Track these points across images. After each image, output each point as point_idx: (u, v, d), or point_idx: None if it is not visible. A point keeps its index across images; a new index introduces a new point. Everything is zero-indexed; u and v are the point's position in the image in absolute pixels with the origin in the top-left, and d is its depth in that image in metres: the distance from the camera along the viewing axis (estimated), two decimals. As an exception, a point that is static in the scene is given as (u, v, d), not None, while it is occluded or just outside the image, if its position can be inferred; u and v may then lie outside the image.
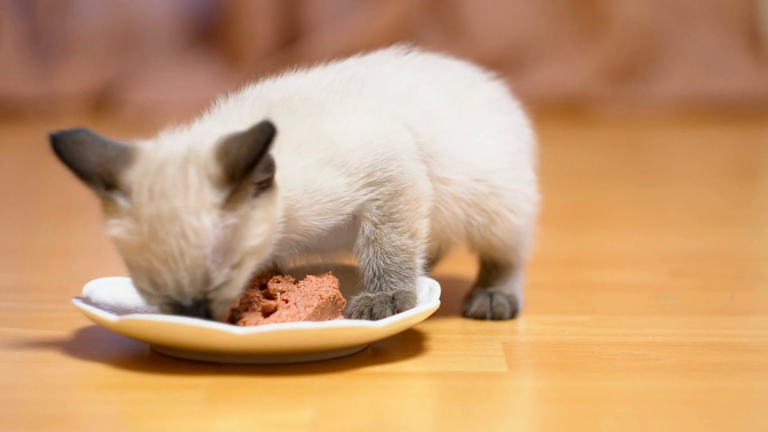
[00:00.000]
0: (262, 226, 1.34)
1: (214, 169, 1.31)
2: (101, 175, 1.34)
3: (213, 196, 1.31)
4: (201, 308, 1.33)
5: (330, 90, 1.50)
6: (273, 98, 1.47)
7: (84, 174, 1.34)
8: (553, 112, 4.18)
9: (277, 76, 1.53)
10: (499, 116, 1.63)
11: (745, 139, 4.03)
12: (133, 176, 1.33)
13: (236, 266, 1.34)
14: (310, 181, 1.42)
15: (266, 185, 1.35)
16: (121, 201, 1.33)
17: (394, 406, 1.30)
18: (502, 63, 4.22)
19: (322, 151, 1.43)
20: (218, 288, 1.33)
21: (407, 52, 1.62)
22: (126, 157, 1.34)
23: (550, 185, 1.71)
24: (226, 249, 1.32)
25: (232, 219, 1.32)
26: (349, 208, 1.45)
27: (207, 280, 1.32)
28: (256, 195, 1.34)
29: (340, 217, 1.45)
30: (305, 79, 1.53)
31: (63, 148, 1.36)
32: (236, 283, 1.35)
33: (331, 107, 1.47)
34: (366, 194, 1.45)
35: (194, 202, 1.31)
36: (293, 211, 1.41)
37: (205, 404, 1.27)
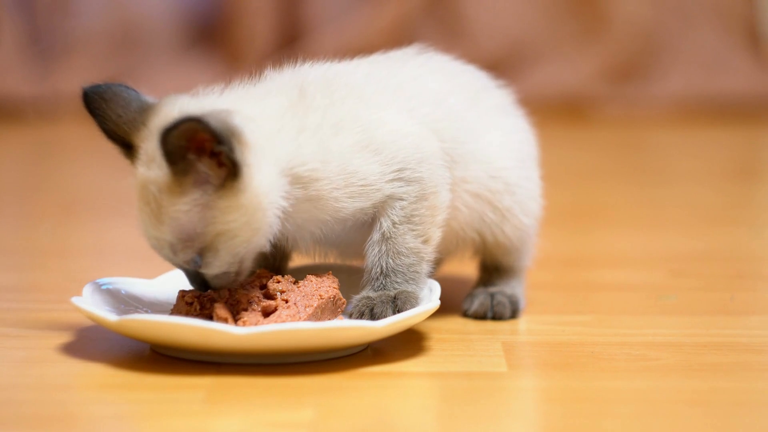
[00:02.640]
0: (231, 215, 1.34)
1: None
2: (120, 135, 1.39)
3: (165, 177, 1.33)
4: (197, 278, 1.39)
5: (368, 79, 1.51)
6: (312, 77, 1.48)
7: (106, 134, 1.41)
8: (553, 112, 4.18)
9: (310, 62, 1.53)
10: (510, 119, 1.65)
11: (745, 139, 4.03)
12: (141, 138, 1.37)
13: (206, 249, 1.35)
14: (347, 163, 1.43)
15: (233, 175, 1.33)
16: (134, 161, 1.38)
17: (394, 406, 1.30)
18: (502, 63, 4.23)
19: (360, 134, 1.44)
20: (201, 265, 1.36)
21: (424, 53, 1.62)
22: (142, 117, 1.39)
23: (550, 185, 1.72)
24: (188, 230, 1.34)
25: (182, 204, 1.33)
26: (377, 196, 1.45)
27: (173, 251, 1.36)
28: (222, 183, 1.34)
29: (368, 203, 1.45)
30: (341, 67, 1.54)
31: (92, 104, 1.41)
32: (216, 264, 1.37)
33: (369, 96, 1.49)
34: (394, 188, 1.46)
35: (159, 177, 1.34)
36: (326, 190, 1.42)
37: (205, 404, 1.27)
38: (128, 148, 1.39)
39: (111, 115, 1.39)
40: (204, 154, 1.33)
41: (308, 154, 1.41)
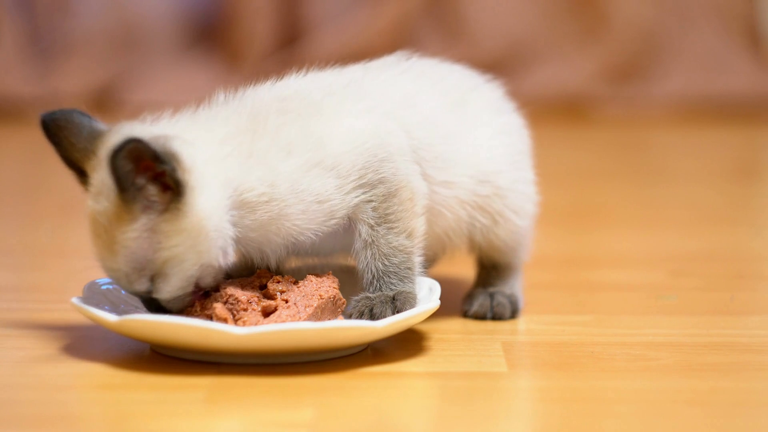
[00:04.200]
0: (176, 238, 1.35)
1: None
2: (74, 164, 1.41)
3: (113, 206, 1.34)
4: (153, 303, 1.40)
5: (328, 92, 1.50)
6: (266, 98, 1.48)
7: (64, 160, 1.42)
8: (553, 112, 4.18)
9: (277, 77, 1.53)
10: (500, 118, 1.63)
11: (745, 139, 4.03)
12: (90, 168, 1.39)
13: (156, 275, 1.36)
14: (296, 182, 1.42)
15: (177, 191, 1.34)
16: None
17: (394, 406, 1.30)
18: (502, 63, 4.23)
19: (311, 152, 1.43)
20: (153, 291, 1.37)
21: (409, 58, 1.62)
22: (92, 146, 1.39)
23: (550, 185, 1.72)
24: (140, 258, 1.35)
25: (131, 232, 1.34)
26: (342, 212, 1.45)
27: (128, 281, 1.37)
28: (166, 207, 1.34)
29: (333, 221, 1.45)
30: (303, 81, 1.53)
31: (50, 130, 1.42)
32: (167, 290, 1.37)
33: (326, 108, 1.47)
34: (358, 196, 1.45)
35: (107, 208, 1.35)
36: (278, 211, 1.41)
37: (205, 404, 1.27)
38: (84, 176, 1.40)
39: (65, 143, 1.40)
40: (149, 177, 1.33)
41: (255, 179, 1.40)
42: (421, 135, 1.52)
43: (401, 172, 1.47)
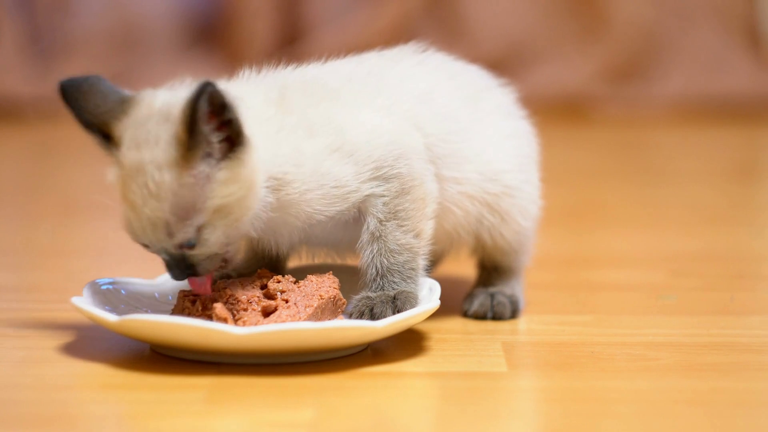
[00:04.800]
0: (229, 187, 1.35)
1: (175, 126, 1.34)
2: (98, 126, 1.39)
3: (173, 152, 1.33)
4: (182, 263, 1.38)
5: (348, 80, 1.51)
6: (290, 79, 1.49)
7: (83, 123, 1.41)
8: (553, 112, 4.18)
9: (296, 64, 1.54)
10: (510, 121, 1.65)
11: (745, 139, 4.03)
12: (123, 127, 1.37)
13: (204, 226, 1.35)
14: (319, 164, 1.43)
15: (234, 147, 1.35)
16: (114, 150, 1.37)
17: (394, 406, 1.30)
18: (502, 63, 4.23)
19: (332, 136, 1.44)
20: (192, 246, 1.36)
21: (424, 50, 1.62)
22: (122, 108, 1.39)
23: (550, 185, 1.72)
24: (189, 206, 1.34)
25: (188, 177, 1.33)
26: (354, 197, 1.45)
27: (169, 232, 1.35)
28: (223, 156, 1.35)
29: (345, 206, 1.45)
30: (323, 68, 1.55)
31: (69, 96, 1.43)
32: (211, 242, 1.36)
33: (346, 97, 1.49)
34: (372, 188, 1.46)
35: (158, 156, 1.34)
36: (299, 192, 1.42)
37: (205, 404, 1.27)
38: (106, 139, 1.39)
39: (88, 106, 1.40)
40: (214, 125, 1.34)
41: (282, 155, 1.41)
42: (435, 131, 1.53)
43: (416, 170, 1.48)
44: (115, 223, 1.41)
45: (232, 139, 1.35)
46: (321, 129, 1.44)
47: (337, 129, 1.45)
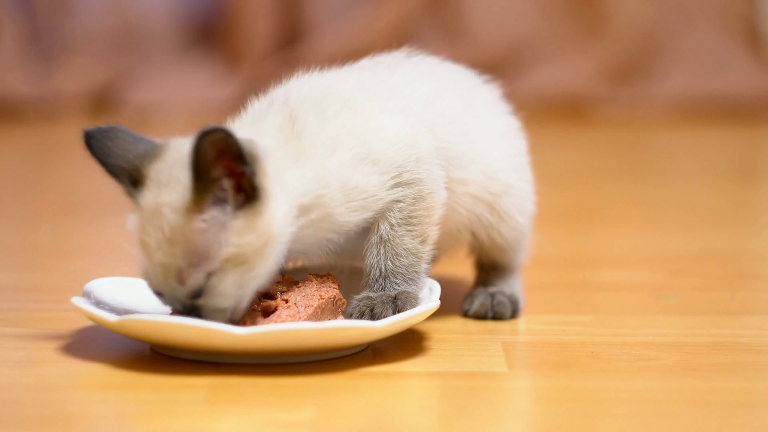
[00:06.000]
0: (245, 237, 1.33)
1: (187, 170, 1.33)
2: (128, 170, 1.37)
3: (187, 196, 1.32)
4: (193, 314, 1.35)
5: (360, 88, 1.50)
6: (301, 95, 1.47)
7: (111, 169, 1.38)
8: (553, 112, 4.18)
9: (300, 74, 1.53)
10: (501, 118, 1.65)
11: (745, 139, 4.03)
12: (154, 171, 1.36)
13: (215, 273, 1.33)
14: (347, 178, 1.43)
15: (253, 195, 1.33)
16: (138, 194, 1.36)
17: (394, 406, 1.30)
18: (502, 63, 4.23)
19: (357, 147, 1.44)
20: (202, 295, 1.34)
21: (413, 55, 1.62)
22: (153, 153, 1.37)
23: (550, 185, 1.72)
24: (200, 253, 1.33)
25: (200, 222, 1.32)
26: (379, 205, 1.45)
27: (180, 279, 1.33)
28: (239, 206, 1.34)
29: (370, 213, 1.45)
30: (331, 77, 1.54)
31: (94, 143, 1.39)
32: (220, 292, 1.34)
33: (363, 105, 1.48)
34: (394, 194, 1.46)
35: (175, 199, 1.33)
36: (329, 209, 1.42)
37: (205, 404, 1.27)
38: (134, 184, 1.37)
39: (117, 152, 1.37)
40: (226, 173, 1.33)
41: (308, 180, 1.40)
42: (444, 134, 1.53)
43: (433, 176, 1.48)
44: (115, 223, 1.41)
45: (247, 190, 1.33)
46: (344, 141, 1.43)
47: (361, 139, 1.44)
